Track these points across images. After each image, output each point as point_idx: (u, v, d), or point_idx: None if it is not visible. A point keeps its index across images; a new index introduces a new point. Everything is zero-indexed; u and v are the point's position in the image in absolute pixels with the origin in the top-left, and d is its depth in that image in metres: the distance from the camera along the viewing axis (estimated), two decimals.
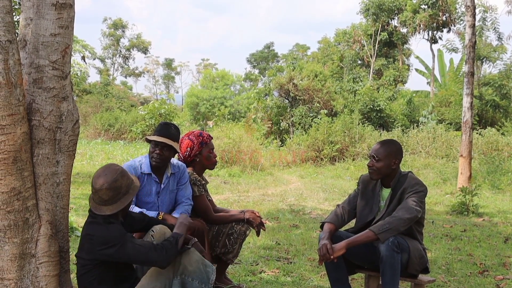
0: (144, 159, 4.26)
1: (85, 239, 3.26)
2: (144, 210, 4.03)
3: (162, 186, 4.25)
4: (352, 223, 4.21)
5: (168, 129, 4.25)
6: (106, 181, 3.21)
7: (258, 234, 4.63)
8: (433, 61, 32.65)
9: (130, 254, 3.16)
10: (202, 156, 4.52)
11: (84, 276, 3.27)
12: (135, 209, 4.00)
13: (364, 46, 34.38)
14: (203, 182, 4.54)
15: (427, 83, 33.82)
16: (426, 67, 33.50)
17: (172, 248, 3.25)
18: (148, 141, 4.26)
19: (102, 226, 3.20)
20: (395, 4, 32.01)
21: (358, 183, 4.23)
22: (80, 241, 3.34)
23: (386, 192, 4.02)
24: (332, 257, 3.66)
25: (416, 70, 34.85)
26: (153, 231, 3.54)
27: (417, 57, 33.70)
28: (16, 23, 5.49)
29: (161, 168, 4.25)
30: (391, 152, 3.94)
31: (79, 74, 30.13)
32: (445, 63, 31.68)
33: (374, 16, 32.64)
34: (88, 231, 3.24)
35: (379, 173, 3.95)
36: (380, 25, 32.78)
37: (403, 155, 4.15)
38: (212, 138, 4.63)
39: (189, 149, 4.52)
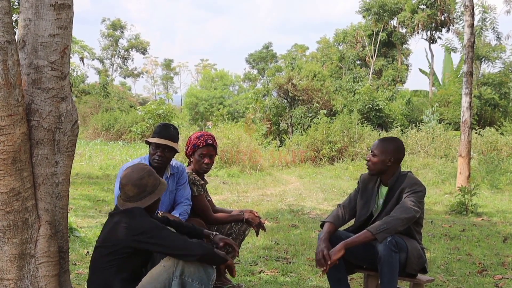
0: (144, 161, 4.27)
1: (116, 227, 3.22)
2: None
3: None
4: (352, 222, 4.22)
5: (168, 131, 4.27)
6: (132, 178, 3.31)
7: (257, 234, 4.64)
8: (432, 61, 32.66)
9: (168, 239, 3.18)
10: (194, 158, 4.54)
11: (101, 266, 3.24)
12: None
13: (365, 46, 34.41)
14: (202, 182, 4.55)
15: (429, 83, 33.72)
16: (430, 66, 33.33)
17: (208, 247, 3.32)
18: (148, 143, 4.27)
19: (135, 216, 3.22)
20: (398, 5, 32.01)
21: (358, 182, 4.25)
22: (105, 231, 3.31)
23: (384, 190, 4.05)
24: (329, 262, 3.65)
25: (420, 70, 34.64)
26: None
27: (426, 57, 33.39)
28: (14, 22, 5.50)
29: (161, 169, 4.26)
30: (387, 149, 3.96)
31: (74, 74, 30.08)
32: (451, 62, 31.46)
33: (377, 16, 32.65)
34: (121, 219, 3.23)
35: (374, 168, 4.00)
36: (382, 26, 32.81)
37: (405, 154, 4.16)
38: (207, 144, 4.51)
39: (186, 147, 4.57)
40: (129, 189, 3.29)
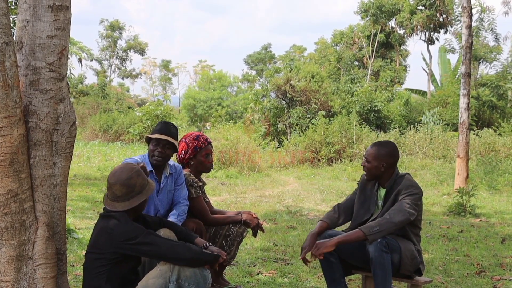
0: (143, 158, 4.27)
1: (102, 234, 3.26)
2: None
3: (161, 185, 4.27)
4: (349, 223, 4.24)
5: (168, 128, 4.29)
6: (121, 177, 3.29)
7: (255, 235, 4.64)
8: (430, 62, 32.65)
9: (155, 244, 3.18)
10: (196, 160, 4.54)
11: (92, 272, 3.26)
12: None
13: (363, 47, 34.42)
14: (200, 183, 4.55)
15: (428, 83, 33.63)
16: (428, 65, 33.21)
17: (199, 252, 3.32)
18: (148, 140, 4.27)
19: (119, 222, 3.23)
20: (395, 6, 32.02)
21: (358, 182, 4.27)
22: (92, 237, 3.34)
23: (383, 192, 4.07)
24: (318, 254, 3.70)
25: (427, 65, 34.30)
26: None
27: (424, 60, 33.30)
28: (12, 24, 5.49)
29: (160, 168, 4.27)
30: (379, 154, 3.98)
31: (71, 75, 30.00)
32: (449, 63, 31.35)
33: (374, 17, 32.66)
34: (105, 225, 3.26)
35: (370, 174, 4.04)
36: (380, 27, 32.81)
37: (399, 157, 4.17)
38: (209, 142, 4.58)
39: (183, 152, 4.54)
40: (117, 189, 3.28)
